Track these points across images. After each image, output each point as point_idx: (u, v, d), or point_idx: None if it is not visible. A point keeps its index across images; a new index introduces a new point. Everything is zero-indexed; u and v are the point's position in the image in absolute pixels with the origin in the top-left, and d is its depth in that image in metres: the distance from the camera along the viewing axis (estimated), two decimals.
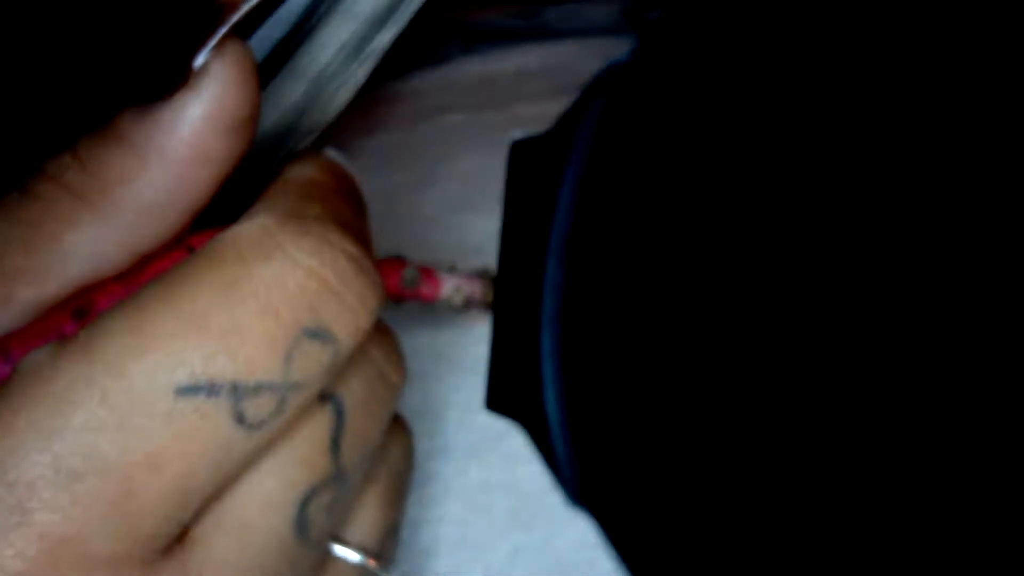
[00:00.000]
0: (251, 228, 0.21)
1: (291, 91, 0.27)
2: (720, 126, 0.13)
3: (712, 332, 0.13)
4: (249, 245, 0.21)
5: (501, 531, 0.30)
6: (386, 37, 0.28)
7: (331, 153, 0.26)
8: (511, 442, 0.31)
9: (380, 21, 0.28)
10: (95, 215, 0.21)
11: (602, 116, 0.17)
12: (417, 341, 0.31)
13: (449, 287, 0.27)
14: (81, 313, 0.22)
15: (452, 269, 0.27)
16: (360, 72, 0.28)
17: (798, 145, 0.12)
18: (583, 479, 0.17)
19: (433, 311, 0.32)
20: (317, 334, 0.20)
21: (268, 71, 0.27)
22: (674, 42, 0.15)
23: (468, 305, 0.27)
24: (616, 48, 0.19)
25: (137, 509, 0.19)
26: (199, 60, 0.21)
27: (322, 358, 0.21)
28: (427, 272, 0.26)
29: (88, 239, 0.22)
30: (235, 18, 0.21)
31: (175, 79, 0.21)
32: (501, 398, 0.22)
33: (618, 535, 0.16)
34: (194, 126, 0.21)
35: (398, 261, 0.26)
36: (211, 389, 0.20)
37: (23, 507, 0.19)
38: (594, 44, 0.36)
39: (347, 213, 0.23)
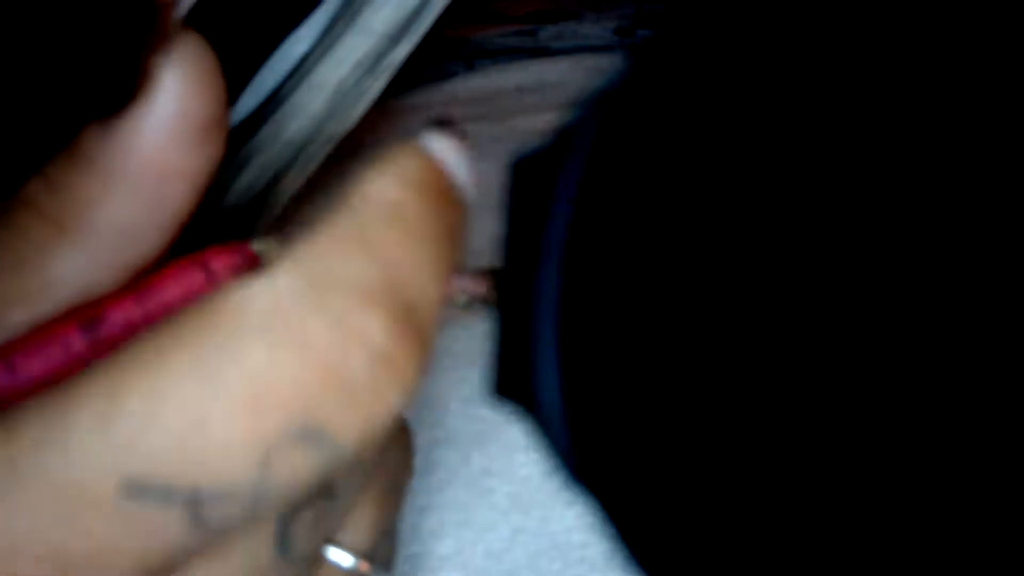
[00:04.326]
0: (262, 294, 0.17)
1: (312, 102, 0.29)
2: (713, 130, 0.13)
3: (695, 315, 0.13)
4: (248, 315, 0.17)
5: (501, 514, 0.32)
6: (401, 53, 0.29)
7: (436, 141, 0.20)
8: (511, 432, 0.32)
9: (394, 38, 0.30)
10: (70, 240, 0.20)
11: (600, 124, 0.17)
12: None
13: (454, 288, 0.27)
14: (91, 324, 0.20)
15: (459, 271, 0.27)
16: (376, 86, 0.29)
17: (790, 151, 0.13)
18: (581, 455, 0.17)
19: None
20: (308, 436, 0.17)
21: (291, 84, 0.29)
22: (668, 57, 0.15)
23: (472, 303, 0.28)
24: (607, 65, 0.19)
25: None
26: (154, 64, 0.19)
27: (311, 464, 0.17)
28: None
29: (69, 265, 0.20)
30: (182, 12, 0.19)
31: (130, 88, 0.19)
32: (507, 383, 0.22)
33: (614, 510, 0.16)
34: (155, 138, 0.19)
35: None
36: (165, 495, 0.16)
37: None
38: (587, 61, 0.38)
39: (417, 258, 0.18)
